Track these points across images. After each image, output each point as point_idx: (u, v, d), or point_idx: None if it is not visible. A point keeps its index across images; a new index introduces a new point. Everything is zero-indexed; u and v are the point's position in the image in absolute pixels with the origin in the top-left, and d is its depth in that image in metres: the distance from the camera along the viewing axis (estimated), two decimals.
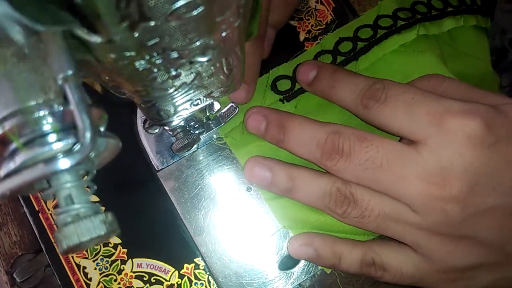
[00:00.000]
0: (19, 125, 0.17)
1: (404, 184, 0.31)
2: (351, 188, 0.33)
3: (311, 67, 0.39)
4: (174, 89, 0.24)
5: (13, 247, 0.40)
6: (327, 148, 0.34)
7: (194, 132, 0.39)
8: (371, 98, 0.34)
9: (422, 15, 0.43)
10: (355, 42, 0.42)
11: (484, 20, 0.45)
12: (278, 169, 0.36)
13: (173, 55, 0.20)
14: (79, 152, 0.17)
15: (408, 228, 0.32)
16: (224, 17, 0.19)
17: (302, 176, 0.36)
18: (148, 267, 0.39)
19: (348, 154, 0.33)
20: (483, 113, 0.30)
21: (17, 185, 0.17)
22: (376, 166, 0.32)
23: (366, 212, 0.33)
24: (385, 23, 0.42)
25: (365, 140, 0.32)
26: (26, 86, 0.18)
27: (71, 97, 0.17)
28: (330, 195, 0.34)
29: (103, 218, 0.18)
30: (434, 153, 0.30)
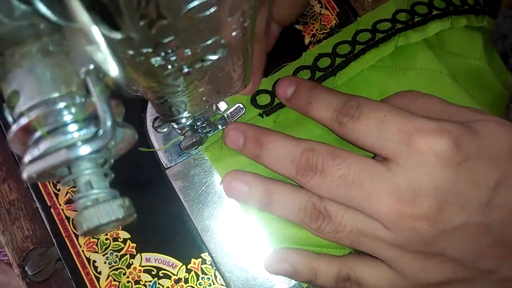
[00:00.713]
0: (43, 115, 0.19)
1: (375, 202, 0.31)
2: (326, 203, 0.34)
3: (290, 83, 0.40)
4: (186, 86, 0.25)
5: (25, 241, 0.41)
6: (301, 165, 0.34)
7: (202, 131, 0.41)
8: (346, 115, 0.34)
9: (403, 23, 0.43)
10: (334, 58, 0.42)
11: (477, 20, 0.44)
12: (256, 184, 0.37)
13: (187, 53, 0.21)
14: (100, 139, 0.18)
15: (380, 244, 0.33)
16: (234, 17, 0.21)
17: (279, 190, 0.36)
18: (157, 262, 0.40)
19: (321, 171, 0.33)
20: (453, 132, 0.31)
21: (42, 168, 0.18)
22: (348, 184, 0.32)
23: (339, 227, 0.34)
24: (363, 38, 0.43)
25: (337, 157, 0.33)
26: (50, 79, 0.19)
27: (93, 89, 0.18)
28: (306, 210, 0.35)
29: (121, 202, 0.19)
30: (405, 171, 0.31)
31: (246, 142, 0.38)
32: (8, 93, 0.20)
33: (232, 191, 0.38)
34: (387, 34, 0.42)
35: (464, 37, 0.44)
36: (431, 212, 0.30)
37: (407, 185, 0.31)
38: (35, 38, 0.19)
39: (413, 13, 0.43)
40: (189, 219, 0.41)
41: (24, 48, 0.19)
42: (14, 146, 0.20)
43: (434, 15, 0.43)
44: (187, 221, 0.41)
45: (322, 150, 0.34)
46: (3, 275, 0.79)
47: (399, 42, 0.42)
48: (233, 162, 0.40)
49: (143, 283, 0.40)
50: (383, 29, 0.43)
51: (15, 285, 0.79)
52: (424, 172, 0.30)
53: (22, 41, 0.19)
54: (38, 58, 0.19)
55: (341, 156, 0.33)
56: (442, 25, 0.43)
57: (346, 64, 0.42)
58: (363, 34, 0.43)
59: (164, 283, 0.40)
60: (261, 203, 0.37)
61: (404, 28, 0.42)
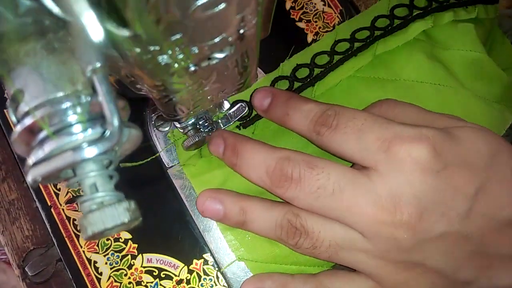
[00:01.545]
0: (48, 115, 0.18)
1: (355, 211, 0.31)
2: (302, 219, 0.34)
3: (266, 94, 0.39)
4: (192, 85, 0.24)
5: (25, 241, 0.41)
6: (276, 175, 0.34)
7: (204, 130, 0.40)
8: (323, 124, 0.34)
9: (382, 30, 0.42)
10: (312, 68, 0.42)
11: (467, 12, 0.43)
12: (230, 202, 0.37)
13: (194, 51, 0.21)
14: (107, 140, 0.17)
15: (360, 256, 0.33)
16: (243, 14, 0.20)
17: (254, 208, 0.36)
18: (158, 262, 0.40)
19: (298, 181, 0.33)
20: (431, 139, 0.30)
21: (48, 171, 0.17)
22: (327, 194, 0.32)
23: (317, 243, 0.33)
24: (342, 48, 0.42)
25: (315, 167, 0.32)
26: (55, 78, 0.19)
27: (99, 88, 0.18)
28: (282, 227, 0.34)
29: (126, 206, 0.19)
30: (384, 179, 0.31)
31: (225, 150, 0.37)
32: (11, 92, 0.19)
33: (206, 211, 0.37)
34: (365, 42, 0.42)
35: (453, 31, 0.43)
36: (411, 220, 0.30)
37: (387, 193, 0.30)
38: (40, 35, 0.19)
39: (392, 17, 0.43)
40: (191, 219, 0.40)
41: (28, 45, 0.19)
42: (17, 147, 0.19)
43: (414, 16, 0.42)
44: (189, 221, 0.40)
45: (299, 159, 0.33)
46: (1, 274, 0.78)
47: (377, 50, 0.41)
48: (211, 177, 0.40)
49: (145, 284, 0.39)
50: (362, 38, 0.42)
51: (13, 284, 0.78)
52: (403, 180, 0.30)
53: (26, 38, 0.19)
54: (42, 56, 0.19)
55: (319, 165, 0.32)
56: (423, 25, 0.42)
57: (324, 75, 0.41)
58: (341, 44, 0.42)
59: (166, 284, 0.39)
60: (237, 222, 0.36)
61: (382, 35, 0.42)
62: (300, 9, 0.46)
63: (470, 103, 0.41)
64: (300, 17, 0.46)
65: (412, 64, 0.42)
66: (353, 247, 0.32)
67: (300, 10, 0.46)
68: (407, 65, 0.42)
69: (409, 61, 0.42)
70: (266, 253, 0.38)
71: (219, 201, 0.37)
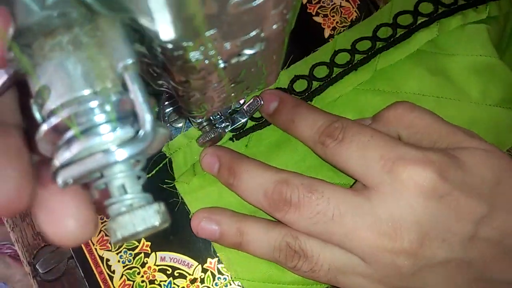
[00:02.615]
0: (75, 114, 0.17)
1: (356, 237, 0.30)
2: (301, 242, 0.33)
3: (273, 98, 0.38)
4: (218, 82, 0.24)
5: (35, 238, 0.40)
6: (274, 199, 0.33)
7: (220, 126, 0.39)
8: (329, 136, 0.33)
9: (384, 41, 0.41)
10: (310, 81, 0.41)
11: (477, 13, 0.41)
12: (226, 223, 0.36)
13: (226, 47, 0.20)
14: (141, 141, 0.16)
15: (360, 281, 0.32)
16: (278, 9, 0.19)
17: (251, 229, 0.35)
18: (172, 261, 0.39)
19: (297, 205, 0.32)
20: (437, 163, 0.30)
21: (80, 173, 0.17)
22: (327, 219, 0.31)
23: (316, 266, 0.33)
24: (342, 60, 0.41)
25: (315, 192, 0.32)
26: (83, 74, 0.18)
27: (131, 85, 0.17)
28: (280, 250, 0.34)
29: (157, 208, 0.18)
30: (385, 202, 0.30)
31: (220, 169, 0.36)
32: (36, 89, 0.18)
33: (201, 232, 0.36)
34: (366, 55, 0.40)
35: (461, 35, 0.42)
36: (412, 247, 0.29)
37: (387, 217, 0.29)
38: (66, 28, 0.18)
39: (395, 26, 0.41)
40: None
41: (54, 40, 0.18)
42: (42, 146, 0.18)
43: (418, 24, 0.41)
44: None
45: (297, 183, 0.32)
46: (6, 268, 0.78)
47: (378, 65, 0.40)
48: (205, 194, 0.39)
49: (158, 282, 0.39)
50: (363, 49, 0.41)
51: (19, 278, 0.78)
52: (405, 203, 0.29)
53: (52, 31, 0.18)
54: (69, 51, 0.18)
55: (318, 189, 0.32)
56: (428, 35, 0.40)
57: (323, 89, 0.40)
58: (341, 54, 0.41)
59: (180, 283, 0.39)
60: (233, 243, 0.36)
61: (384, 47, 0.40)
62: (317, 3, 0.45)
63: (475, 115, 0.40)
64: (317, 12, 0.45)
65: (414, 77, 0.41)
66: (352, 271, 0.32)
67: (317, 4, 0.45)
68: (409, 78, 0.41)
69: (411, 74, 0.41)
70: (262, 272, 0.37)
71: (214, 221, 0.36)
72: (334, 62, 0.41)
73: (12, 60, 0.18)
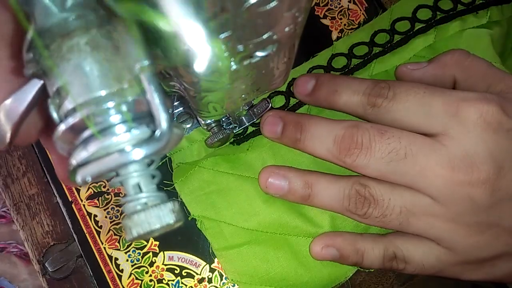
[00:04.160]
0: (93, 114, 0.18)
1: (428, 175, 0.31)
2: (370, 188, 0.33)
3: (309, 78, 0.38)
4: (230, 83, 0.24)
5: (45, 237, 0.40)
6: (345, 143, 0.33)
7: (228, 127, 0.40)
8: (379, 96, 0.33)
9: (381, 46, 0.41)
10: None
11: (477, 18, 0.41)
12: (294, 177, 0.36)
13: (239, 49, 0.20)
14: (157, 141, 0.17)
15: (431, 222, 0.32)
16: (291, 12, 0.20)
17: (319, 181, 0.35)
18: (180, 260, 0.39)
19: (368, 147, 0.32)
20: (496, 100, 0.30)
21: (99, 171, 0.17)
22: (400, 158, 0.31)
23: (387, 211, 0.33)
24: (338, 64, 0.41)
25: (385, 132, 0.32)
26: (100, 75, 0.18)
27: (148, 86, 0.17)
28: (349, 197, 0.34)
29: (171, 207, 0.18)
30: (457, 141, 0.30)
31: (285, 127, 0.36)
32: (54, 89, 0.18)
33: (270, 188, 0.36)
34: (362, 60, 0.41)
35: (459, 43, 0.41)
36: (490, 177, 0.29)
37: (461, 154, 0.30)
38: (84, 30, 0.18)
39: (393, 32, 0.41)
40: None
41: (72, 41, 0.18)
42: (59, 146, 0.19)
43: (416, 30, 0.41)
44: None
45: (367, 127, 0.33)
46: (12, 268, 0.78)
47: (374, 70, 0.40)
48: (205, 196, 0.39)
49: (166, 282, 0.39)
50: (360, 54, 0.41)
51: (24, 277, 0.78)
52: (477, 139, 0.30)
53: (69, 33, 0.18)
54: (86, 52, 0.18)
55: (388, 131, 0.32)
56: (425, 41, 0.41)
57: None
58: (338, 58, 0.41)
59: (188, 282, 0.39)
60: (302, 196, 0.35)
61: (381, 53, 0.41)
62: (324, 5, 0.45)
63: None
64: (324, 14, 0.45)
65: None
66: (424, 212, 0.32)
67: (325, 7, 0.45)
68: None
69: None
70: (260, 275, 0.38)
71: (282, 176, 0.36)
72: (331, 66, 0.41)
73: (30, 61, 0.18)
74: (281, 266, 0.38)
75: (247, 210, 0.38)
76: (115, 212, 0.40)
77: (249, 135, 0.40)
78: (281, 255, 0.38)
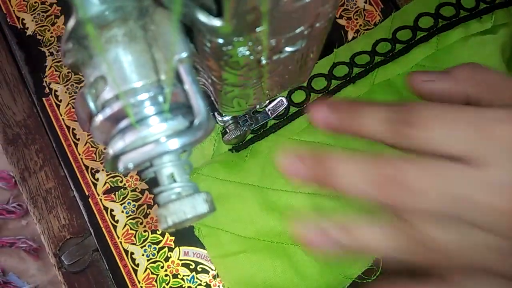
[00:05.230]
0: (131, 104, 0.18)
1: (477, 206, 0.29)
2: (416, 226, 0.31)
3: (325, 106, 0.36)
4: (257, 78, 0.24)
5: (61, 230, 0.41)
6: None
7: (244, 124, 0.40)
8: (404, 123, 0.32)
9: (382, 55, 0.41)
10: (308, 92, 0.41)
11: (480, 23, 0.41)
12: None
13: (271, 43, 0.20)
14: (196, 131, 0.17)
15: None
16: (325, 7, 0.20)
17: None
18: (195, 256, 0.40)
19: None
20: None
21: (139, 160, 0.17)
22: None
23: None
24: (340, 73, 0.41)
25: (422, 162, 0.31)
26: (138, 66, 0.18)
27: (186, 78, 0.18)
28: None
29: (205, 197, 0.19)
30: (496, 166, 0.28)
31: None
32: (92, 79, 0.19)
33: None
34: (364, 68, 0.41)
35: (462, 51, 0.41)
36: None
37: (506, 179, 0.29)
38: (122, 21, 0.19)
39: (394, 41, 0.41)
40: None
41: (110, 32, 0.19)
42: (96, 135, 0.19)
43: (417, 39, 0.41)
44: None
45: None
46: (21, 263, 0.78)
47: (376, 79, 0.40)
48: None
49: (181, 277, 0.39)
50: (361, 63, 0.41)
51: (32, 273, 0.78)
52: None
53: (108, 24, 0.19)
54: (125, 43, 0.19)
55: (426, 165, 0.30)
56: (426, 50, 0.40)
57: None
58: (340, 67, 0.41)
59: (202, 278, 0.39)
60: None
61: (383, 62, 0.40)
62: (341, 5, 0.46)
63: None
64: (340, 14, 0.46)
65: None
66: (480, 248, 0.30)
67: (341, 7, 0.46)
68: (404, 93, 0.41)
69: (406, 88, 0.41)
70: (257, 283, 0.38)
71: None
72: (333, 74, 0.41)
73: (69, 51, 0.19)
74: (278, 275, 0.38)
75: (244, 217, 0.38)
76: (131, 207, 0.40)
77: (247, 142, 0.40)
78: (278, 264, 0.38)
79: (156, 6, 0.18)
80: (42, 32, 0.44)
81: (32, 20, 0.45)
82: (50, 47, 0.44)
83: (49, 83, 0.43)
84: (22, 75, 0.44)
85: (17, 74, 0.44)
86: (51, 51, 0.44)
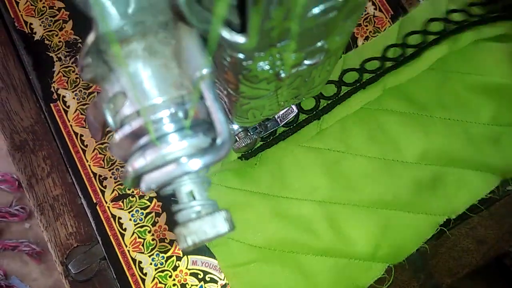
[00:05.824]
0: (150, 121, 0.18)
1: None
2: None
3: None
4: (274, 91, 0.24)
5: (68, 238, 0.40)
6: None
7: (254, 132, 0.39)
8: None
9: (393, 60, 0.40)
10: (318, 99, 0.40)
11: (491, 29, 0.40)
12: None
13: (292, 57, 0.20)
14: (219, 150, 0.17)
15: None
16: (346, 22, 0.20)
17: None
18: (203, 265, 0.39)
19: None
20: None
21: (162, 180, 0.17)
22: None
23: None
24: (350, 79, 0.40)
25: None
26: (158, 81, 0.18)
27: (208, 95, 0.17)
28: None
29: (225, 215, 0.18)
30: None
31: None
32: (111, 94, 0.18)
33: None
34: (375, 74, 0.40)
35: (473, 55, 0.41)
36: None
37: None
38: (141, 36, 0.18)
39: (405, 46, 0.41)
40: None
41: (130, 47, 0.18)
42: (115, 151, 0.19)
43: (428, 43, 0.40)
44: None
45: None
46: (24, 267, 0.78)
47: (388, 84, 0.39)
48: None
49: (190, 286, 0.39)
50: (371, 68, 0.40)
51: (35, 276, 0.78)
52: None
53: (127, 39, 0.18)
54: (144, 58, 0.18)
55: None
56: (438, 52, 0.40)
57: (331, 108, 0.40)
58: (350, 73, 0.41)
59: (211, 287, 0.39)
60: None
61: (394, 66, 0.40)
62: None
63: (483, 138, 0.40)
64: None
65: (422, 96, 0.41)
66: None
67: None
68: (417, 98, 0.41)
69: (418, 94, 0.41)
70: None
71: None
72: (342, 81, 0.41)
73: (88, 66, 0.18)
74: (289, 284, 0.37)
75: (255, 226, 0.38)
76: (139, 215, 0.40)
77: (257, 150, 0.40)
78: (289, 273, 0.37)
79: (177, 21, 0.18)
80: (50, 37, 0.44)
81: (40, 25, 0.44)
82: (58, 52, 0.44)
83: (57, 89, 0.43)
84: (29, 80, 0.43)
85: (24, 79, 0.43)
86: (59, 56, 0.44)
